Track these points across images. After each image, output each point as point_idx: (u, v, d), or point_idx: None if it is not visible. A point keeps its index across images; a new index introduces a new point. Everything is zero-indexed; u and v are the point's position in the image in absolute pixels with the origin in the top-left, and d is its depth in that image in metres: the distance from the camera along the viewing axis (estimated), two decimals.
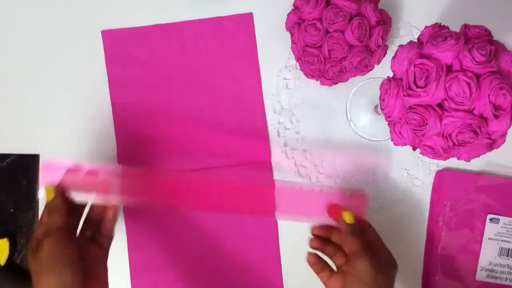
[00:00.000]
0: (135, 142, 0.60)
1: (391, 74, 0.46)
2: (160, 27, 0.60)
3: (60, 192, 0.48)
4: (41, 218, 0.48)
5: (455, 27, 0.44)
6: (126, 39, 0.60)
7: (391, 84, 0.45)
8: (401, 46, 0.45)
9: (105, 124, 0.60)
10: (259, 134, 0.60)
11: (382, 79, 0.47)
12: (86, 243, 0.49)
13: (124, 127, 0.60)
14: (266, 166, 0.60)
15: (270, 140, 0.61)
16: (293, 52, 0.57)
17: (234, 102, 0.60)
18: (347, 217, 0.50)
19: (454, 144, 0.42)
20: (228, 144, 0.60)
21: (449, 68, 0.41)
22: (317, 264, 0.52)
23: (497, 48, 0.41)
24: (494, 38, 0.43)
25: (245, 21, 0.60)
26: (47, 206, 0.48)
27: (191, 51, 0.60)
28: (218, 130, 0.60)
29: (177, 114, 0.60)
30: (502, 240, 0.58)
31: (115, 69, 0.60)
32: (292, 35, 0.55)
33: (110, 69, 0.60)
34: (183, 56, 0.60)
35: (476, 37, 0.42)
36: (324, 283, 0.51)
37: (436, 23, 0.45)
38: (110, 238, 0.52)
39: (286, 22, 0.56)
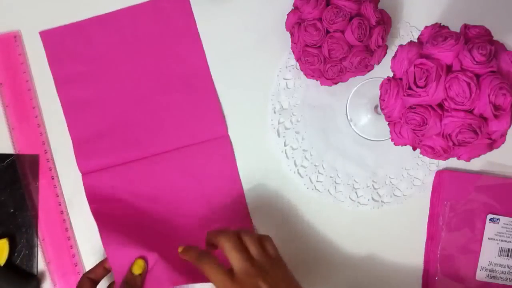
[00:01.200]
0: (90, 136, 0.60)
1: (391, 74, 0.46)
2: (97, 18, 0.61)
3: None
4: None
5: (455, 27, 0.44)
6: (65, 36, 0.60)
7: (391, 84, 0.45)
8: (401, 46, 0.45)
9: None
10: (212, 109, 0.60)
11: (382, 79, 0.47)
12: None
13: (77, 123, 0.60)
14: (225, 140, 0.60)
15: (269, 136, 0.61)
16: (293, 52, 0.57)
17: (182, 81, 0.60)
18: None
19: (454, 144, 0.42)
20: (184, 123, 0.60)
21: (449, 68, 0.41)
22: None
23: (497, 48, 0.41)
24: (494, 38, 0.43)
25: (181, 0, 0.60)
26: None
27: (131, 37, 0.60)
28: (171, 112, 0.60)
29: (127, 101, 0.60)
30: (502, 240, 0.58)
31: (59, 68, 0.60)
32: (292, 35, 0.55)
33: (54, 69, 0.60)
34: (124, 44, 0.60)
35: (476, 37, 0.42)
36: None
37: (436, 23, 0.45)
38: None
39: (286, 22, 0.56)
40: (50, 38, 0.61)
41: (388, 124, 0.47)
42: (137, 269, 0.53)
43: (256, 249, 0.49)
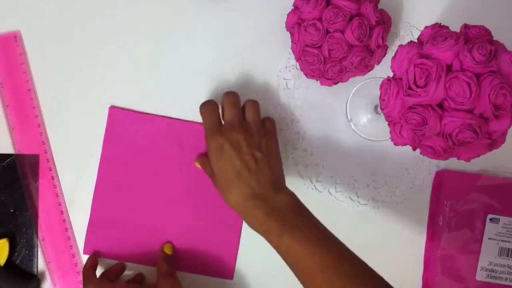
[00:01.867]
0: (107, 223, 0.60)
1: (391, 74, 0.46)
2: (167, 120, 0.60)
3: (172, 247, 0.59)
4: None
5: (455, 27, 0.44)
6: (131, 122, 0.60)
7: (391, 84, 0.45)
8: (401, 46, 0.45)
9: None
10: (228, 251, 0.60)
11: (382, 79, 0.47)
12: None
13: (101, 205, 0.60)
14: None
15: None
16: (293, 52, 0.57)
17: (213, 207, 0.60)
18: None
19: (454, 144, 0.42)
20: (197, 251, 0.60)
21: (449, 68, 0.41)
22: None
23: (497, 48, 0.41)
24: (494, 38, 0.43)
25: None
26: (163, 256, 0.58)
27: (187, 150, 0.60)
28: (190, 233, 0.60)
29: (155, 203, 0.60)
30: (502, 240, 0.58)
31: (111, 147, 0.60)
32: (292, 35, 0.55)
33: (106, 145, 0.60)
34: (177, 153, 0.60)
35: (476, 37, 0.42)
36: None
37: (436, 23, 0.45)
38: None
39: (286, 22, 0.56)
40: (116, 117, 0.60)
41: (388, 124, 0.47)
42: (167, 250, 0.58)
43: (253, 115, 0.54)
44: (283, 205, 0.49)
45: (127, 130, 0.60)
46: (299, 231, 0.47)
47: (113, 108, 0.60)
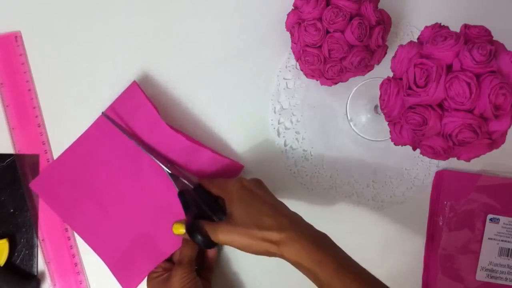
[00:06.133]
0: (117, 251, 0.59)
1: (391, 74, 0.46)
2: (65, 154, 0.59)
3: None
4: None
5: (455, 27, 0.44)
6: (51, 176, 0.59)
7: (391, 84, 0.45)
8: (401, 46, 0.45)
9: None
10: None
11: (382, 79, 0.47)
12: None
13: (100, 243, 0.59)
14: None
15: (269, 136, 0.61)
16: (293, 52, 0.57)
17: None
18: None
19: (454, 144, 0.42)
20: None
21: (449, 68, 0.41)
22: None
23: (497, 48, 0.41)
24: (494, 38, 0.43)
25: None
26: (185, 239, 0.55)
27: (101, 154, 0.59)
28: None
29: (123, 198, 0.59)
30: (502, 240, 0.58)
31: (58, 205, 0.59)
32: (292, 35, 0.55)
33: (55, 208, 0.59)
34: (99, 159, 0.59)
35: (476, 37, 0.42)
36: None
37: (436, 23, 0.45)
38: (211, 271, 0.59)
39: (286, 22, 0.56)
40: (40, 185, 0.59)
41: (388, 124, 0.47)
42: (175, 231, 0.53)
43: None
44: None
45: (57, 182, 0.59)
46: None
47: (33, 183, 0.59)
